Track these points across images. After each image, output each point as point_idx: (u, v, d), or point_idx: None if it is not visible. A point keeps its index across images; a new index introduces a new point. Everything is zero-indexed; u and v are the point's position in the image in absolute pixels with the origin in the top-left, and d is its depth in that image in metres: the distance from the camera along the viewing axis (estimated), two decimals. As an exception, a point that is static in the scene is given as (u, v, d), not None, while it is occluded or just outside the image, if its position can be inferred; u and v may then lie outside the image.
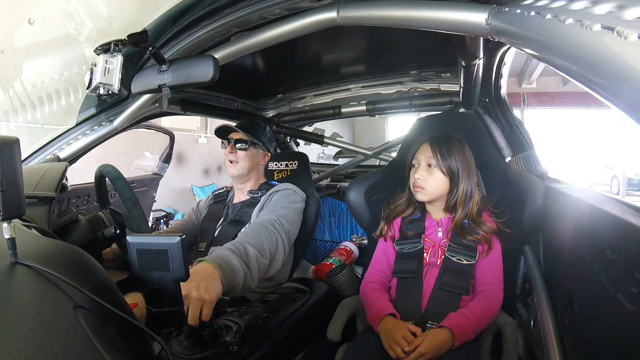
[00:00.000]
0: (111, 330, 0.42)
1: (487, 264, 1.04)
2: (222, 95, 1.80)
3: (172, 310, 0.62)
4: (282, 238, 1.17)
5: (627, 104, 0.35)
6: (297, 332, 1.08)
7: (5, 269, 0.42)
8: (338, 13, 0.82)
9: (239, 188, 1.46)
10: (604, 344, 0.61)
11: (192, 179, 5.58)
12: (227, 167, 1.40)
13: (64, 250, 0.53)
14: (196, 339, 0.83)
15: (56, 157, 1.23)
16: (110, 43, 0.96)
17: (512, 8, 0.57)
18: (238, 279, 0.93)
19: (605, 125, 8.40)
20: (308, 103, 1.97)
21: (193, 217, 1.51)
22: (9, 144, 0.43)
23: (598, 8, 0.39)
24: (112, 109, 1.24)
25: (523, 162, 1.27)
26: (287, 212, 1.26)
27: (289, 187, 1.38)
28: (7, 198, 0.42)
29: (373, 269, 1.17)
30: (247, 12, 0.89)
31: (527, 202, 1.03)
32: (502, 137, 1.38)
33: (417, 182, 1.08)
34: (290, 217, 1.25)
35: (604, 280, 0.60)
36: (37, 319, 0.37)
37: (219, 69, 0.86)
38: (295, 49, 1.42)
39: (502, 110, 1.36)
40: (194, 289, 0.79)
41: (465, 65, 1.08)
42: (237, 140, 1.39)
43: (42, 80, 1.08)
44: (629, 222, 0.57)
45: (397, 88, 1.70)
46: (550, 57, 0.47)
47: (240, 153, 1.38)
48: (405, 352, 0.89)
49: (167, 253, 0.58)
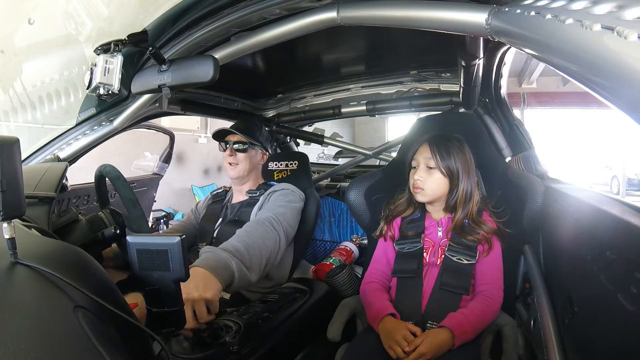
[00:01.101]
0: (111, 330, 0.42)
1: (487, 264, 1.04)
2: (222, 95, 1.80)
3: (172, 310, 0.62)
4: (279, 235, 1.17)
5: (627, 104, 0.35)
6: (297, 332, 1.08)
7: (5, 269, 0.42)
8: (338, 13, 0.82)
9: (237, 189, 1.46)
10: (604, 344, 0.61)
11: (192, 179, 5.58)
12: (227, 169, 1.40)
13: (64, 250, 0.53)
14: (196, 339, 0.83)
15: (56, 157, 1.23)
16: (110, 43, 0.96)
17: (512, 8, 0.57)
18: (232, 268, 0.93)
19: (605, 125, 8.40)
20: (308, 103, 1.97)
21: (192, 218, 1.51)
22: (9, 144, 0.43)
23: (598, 8, 0.39)
24: (112, 109, 1.24)
25: (523, 162, 1.27)
26: (285, 210, 1.26)
27: (287, 186, 1.38)
28: (7, 198, 0.42)
29: (373, 269, 1.16)
30: (247, 12, 0.89)
31: (527, 202, 1.03)
32: (502, 137, 1.38)
33: (416, 183, 1.08)
34: (288, 216, 1.26)
35: (604, 280, 0.60)
36: (37, 319, 0.37)
37: (219, 69, 0.87)
38: (295, 49, 1.42)
39: (502, 110, 1.36)
40: (194, 290, 0.80)
41: (465, 65, 1.08)
42: (235, 142, 1.39)
43: (42, 80, 1.08)
44: (629, 222, 0.57)
45: (397, 88, 1.70)
46: (550, 57, 0.47)
47: (239, 155, 1.38)
48: (406, 352, 0.89)
49: (167, 253, 0.58)
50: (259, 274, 1.06)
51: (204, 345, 0.82)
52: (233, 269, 0.94)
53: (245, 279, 0.98)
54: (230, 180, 1.45)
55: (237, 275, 0.94)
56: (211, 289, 0.84)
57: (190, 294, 0.79)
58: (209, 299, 0.82)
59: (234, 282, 0.94)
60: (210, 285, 0.84)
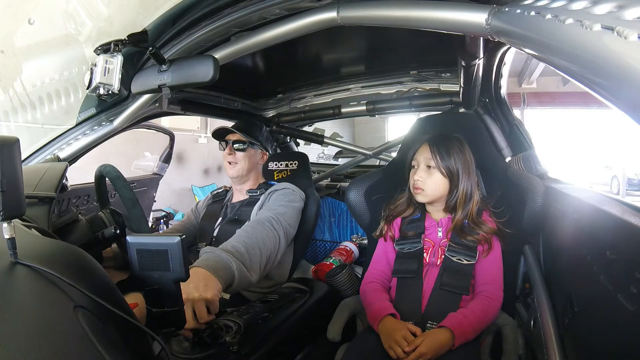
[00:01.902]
0: (111, 330, 0.42)
1: (487, 264, 1.04)
2: (222, 95, 1.80)
3: (172, 310, 0.62)
4: (279, 235, 1.17)
5: (627, 104, 0.35)
6: (297, 332, 1.08)
7: (5, 269, 0.42)
8: (338, 13, 0.82)
9: (237, 188, 1.46)
10: (604, 344, 0.61)
11: (192, 179, 5.58)
12: (226, 168, 1.41)
13: (64, 250, 0.53)
14: (196, 339, 0.83)
15: (56, 157, 1.23)
16: (110, 43, 0.96)
17: (512, 8, 0.57)
18: (232, 269, 0.93)
19: (605, 125, 8.40)
20: (308, 103, 1.97)
21: (192, 218, 1.51)
22: (9, 144, 0.43)
23: (598, 8, 0.39)
24: (112, 109, 1.24)
25: (523, 162, 1.27)
26: (286, 209, 1.26)
27: (288, 186, 1.38)
28: (7, 198, 0.42)
29: (373, 269, 1.16)
30: (247, 12, 0.89)
31: (527, 202, 1.03)
32: (502, 137, 1.38)
33: (416, 183, 1.08)
34: (288, 215, 1.26)
35: (604, 280, 0.60)
36: (37, 319, 0.37)
37: (219, 69, 0.87)
38: (295, 49, 1.42)
39: (502, 110, 1.36)
40: (194, 291, 0.80)
41: (465, 65, 1.08)
42: (235, 142, 1.39)
43: (42, 80, 1.08)
44: (629, 222, 0.57)
45: (397, 88, 1.70)
46: (550, 57, 0.47)
47: (239, 154, 1.39)
48: (406, 352, 0.89)
49: (167, 253, 0.58)
50: (260, 275, 1.05)
51: (204, 345, 0.82)
52: (233, 269, 0.94)
53: (246, 280, 0.98)
54: (230, 180, 1.46)
55: (237, 275, 0.94)
56: (211, 289, 0.84)
57: (190, 294, 0.79)
58: (209, 299, 0.82)
59: (234, 283, 0.94)
60: (210, 285, 0.84)
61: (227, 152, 1.39)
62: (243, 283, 0.98)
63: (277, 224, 1.19)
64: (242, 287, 1.01)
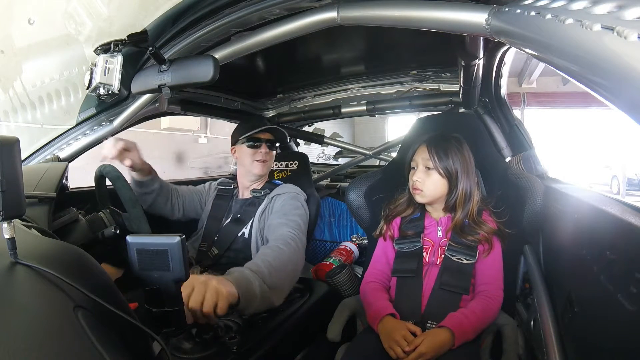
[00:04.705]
0: (111, 330, 0.42)
1: (487, 264, 1.04)
2: (222, 95, 1.79)
3: (172, 310, 0.62)
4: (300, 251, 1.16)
5: (627, 104, 0.35)
6: (297, 332, 1.08)
7: (5, 269, 0.42)
8: (338, 13, 0.82)
9: (246, 186, 1.45)
10: (604, 344, 0.61)
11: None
12: (254, 166, 1.38)
13: (64, 250, 0.53)
14: (196, 339, 0.83)
15: (56, 157, 1.23)
16: (110, 43, 0.96)
17: (512, 8, 0.57)
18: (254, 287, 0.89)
19: (605, 125, 8.41)
20: (308, 103, 1.97)
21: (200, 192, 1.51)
22: (9, 144, 0.43)
23: (598, 8, 0.39)
24: (112, 109, 1.24)
25: (523, 162, 1.27)
26: (299, 220, 1.25)
27: (291, 189, 1.37)
28: (7, 198, 0.42)
29: (373, 269, 1.16)
30: (247, 12, 0.89)
31: (527, 202, 1.03)
32: (502, 137, 1.38)
33: (415, 184, 1.08)
34: (303, 227, 1.25)
35: (604, 280, 0.60)
36: (37, 318, 0.37)
37: (219, 69, 0.87)
38: (295, 49, 1.42)
39: (502, 110, 1.36)
40: (213, 279, 0.80)
41: (465, 65, 1.08)
42: (267, 140, 1.40)
43: (42, 80, 1.08)
44: (629, 222, 0.57)
45: (397, 88, 1.70)
46: (550, 57, 0.47)
47: (271, 153, 1.42)
48: (405, 352, 0.89)
49: (167, 253, 0.58)
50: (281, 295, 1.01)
51: (204, 345, 0.82)
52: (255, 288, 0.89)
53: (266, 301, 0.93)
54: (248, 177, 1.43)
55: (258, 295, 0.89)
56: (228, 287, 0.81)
57: (209, 279, 0.78)
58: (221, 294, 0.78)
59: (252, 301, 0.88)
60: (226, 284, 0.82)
61: (263, 150, 1.39)
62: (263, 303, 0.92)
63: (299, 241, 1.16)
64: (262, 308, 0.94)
